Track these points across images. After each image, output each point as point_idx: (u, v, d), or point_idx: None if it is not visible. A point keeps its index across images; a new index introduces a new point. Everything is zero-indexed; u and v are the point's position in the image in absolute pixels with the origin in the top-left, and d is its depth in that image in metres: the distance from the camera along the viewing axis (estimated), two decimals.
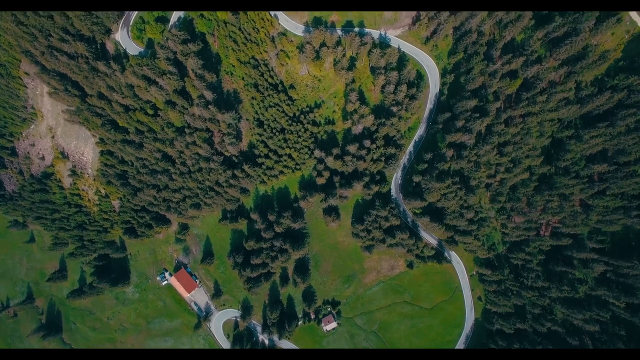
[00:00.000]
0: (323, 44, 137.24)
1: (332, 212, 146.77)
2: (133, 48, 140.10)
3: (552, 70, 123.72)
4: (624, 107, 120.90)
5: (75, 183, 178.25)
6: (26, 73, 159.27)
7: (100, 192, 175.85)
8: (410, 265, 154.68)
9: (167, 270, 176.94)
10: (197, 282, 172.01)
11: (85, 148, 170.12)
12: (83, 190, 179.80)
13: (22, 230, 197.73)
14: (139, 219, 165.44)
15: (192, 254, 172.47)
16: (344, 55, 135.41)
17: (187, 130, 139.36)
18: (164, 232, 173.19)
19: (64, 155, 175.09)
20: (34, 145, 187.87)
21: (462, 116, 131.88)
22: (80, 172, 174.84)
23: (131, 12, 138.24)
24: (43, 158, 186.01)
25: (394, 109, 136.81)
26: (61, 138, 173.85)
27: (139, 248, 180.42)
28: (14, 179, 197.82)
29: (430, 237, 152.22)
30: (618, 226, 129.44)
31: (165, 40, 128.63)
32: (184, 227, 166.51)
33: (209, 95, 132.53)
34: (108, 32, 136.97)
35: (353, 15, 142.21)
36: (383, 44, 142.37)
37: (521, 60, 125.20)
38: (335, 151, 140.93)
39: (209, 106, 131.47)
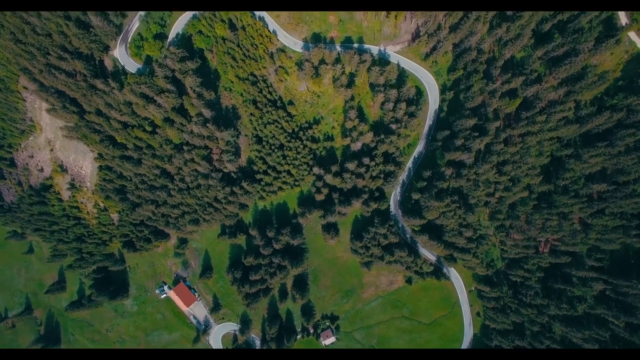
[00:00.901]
0: (322, 61, 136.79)
1: (331, 229, 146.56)
2: (131, 65, 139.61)
3: (552, 90, 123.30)
4: (623, 127, 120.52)
5: (74, 196, 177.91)
6: (25, 87, 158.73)
7: (99, 205, 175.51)
8: (409, 280, 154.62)
9: (165, 284, 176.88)
10: (196, 296, 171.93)
11: (83, 162, 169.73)
12: (82, 203, 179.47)
13: (21, 241, 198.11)
14: (138, 233, 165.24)
15: (191, 267, 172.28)
16: (343, 72, 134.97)
17: (185, 148, 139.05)
18: (163, 246, 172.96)
19: (62, 169, 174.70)
20: (32, 157, 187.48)
21: (461, 134, 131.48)
22: (79, 186, 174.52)
23: (129, 28, 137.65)
24: (42, 170, 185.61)
25: (393, 126, 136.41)
26: (60, 151, 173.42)
27: (138, 261, 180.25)
28: (13, 190, 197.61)
29: (429, 253, 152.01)
30: (617, 245, 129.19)
31: (163, 58, 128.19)
32: (182, 242, 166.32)
33: (207, 113, 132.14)
34: (106, 49, 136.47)
35: (352, 32, 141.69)
36: (382, 60, 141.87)
37: (520, 79, 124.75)
38: (334, 168, 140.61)
39: (208, 124, 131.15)
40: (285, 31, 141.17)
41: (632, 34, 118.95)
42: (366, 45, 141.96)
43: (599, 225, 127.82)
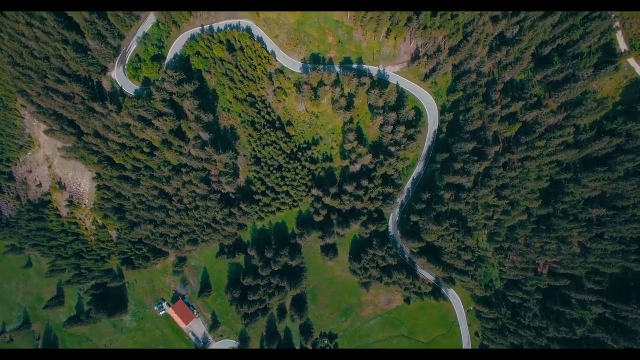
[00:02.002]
0: (321, 83, 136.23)
1: (329, 250, 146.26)
2: (129, 86, 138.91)
3: (551, 115, 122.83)
4: (622, 152, 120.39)
5: (72, 212, 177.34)
6: (23, 106, 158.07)
7: (97, 222, 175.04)
8: (407, 300, 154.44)
9: (164, 300, 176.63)
10: (195, 313, 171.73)
11: (82, 179, 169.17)
12: (80, 219, 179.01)
13: (19, 254, 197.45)
14: (136, 251, 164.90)
15: (190, 285, 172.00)
16: (341, 95, 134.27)
17: (183, 169, 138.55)
18: (162, 263, 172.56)
19: (60, 185, 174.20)
20: (30, 171, 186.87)
21: (460, 157, 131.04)
22: (77, 203, 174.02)
23: (127, 49, 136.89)
24: (40, 185, 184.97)
25: (392, 148, 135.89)
26: (58, 168, 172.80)
27: (137, 277, 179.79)
28: (11, 204, 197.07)
29: (427, 273, 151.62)
30: (616, 268, 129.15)
31: (160, 81, 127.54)
32: (181, 260, 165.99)
33: (205, 135, 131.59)
34: (104, 70, 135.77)
35: (351, 52, 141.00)
36: (381, 81, 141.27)
37: (520, 104, 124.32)
38: (333, 190, 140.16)
39: (206, 147, 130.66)
40: (283, 52, 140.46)
41: (631, 60, 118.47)
42: (365, 66, 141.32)
43: (598, 249, 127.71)
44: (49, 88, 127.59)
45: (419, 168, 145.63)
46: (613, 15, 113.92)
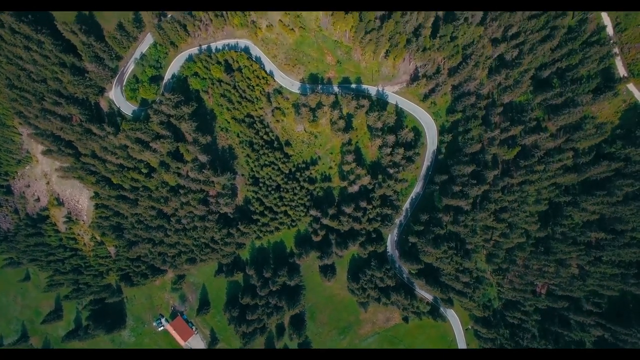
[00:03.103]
0: (319, 104, 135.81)
1: (327, 270, 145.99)
2: (127, 106, 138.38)
3: (551, 140, 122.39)
4: (621, 176, 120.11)
5: (70, 228, 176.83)
6: (20, 123, 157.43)
7: (95, 238, 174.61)
8: (405, 319, 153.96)
9: (163, 316, 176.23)
10: (194, 330, 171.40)
11: (80, 196, 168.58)
12: (78, 235, 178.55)
13: (17, 268, 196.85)
14: (135, 268, 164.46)
15: (189, 301, 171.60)
16: (340, 117, 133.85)
17: (181, 191, 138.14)
18: (160, 280, 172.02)
19: (59, 202, 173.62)
20: (29, 186, 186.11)
21: (459, 180, 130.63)
22: (76, 219, 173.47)
23: (125, 70, 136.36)
24: (38, 200, 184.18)
25: (391, 170, 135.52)
26: (56, 184, 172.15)
27: (135, 292, 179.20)
28: (9, 218, 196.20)
29: (426, 293, 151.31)
30: (615, 291, 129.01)
31: (158, 104, 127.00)
32: (180, 277, 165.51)
33: (203, 158, 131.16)
34: (102, 91, 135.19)
35: (350, 72, 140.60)
36: (380, 101, 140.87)
37: (519, 128, 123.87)
38: (331, 211, 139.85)
39: (204, 170, 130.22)
40: (282, 72, 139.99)
41: (629, 85, 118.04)
42: (364, 86, 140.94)
43: (596, 273, 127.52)
44: (46, 110, 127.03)
45: (417, 188, 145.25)
46: (612, 42, 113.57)
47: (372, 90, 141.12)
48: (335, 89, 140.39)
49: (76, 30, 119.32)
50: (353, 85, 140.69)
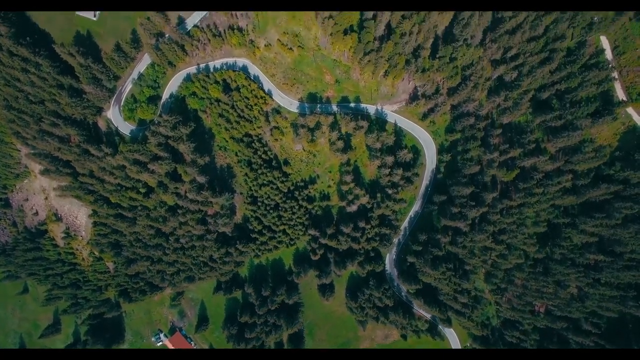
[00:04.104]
0: (318, 124, 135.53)
1: (326, 289, 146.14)
2: (125, 126, 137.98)
3: (550, 163, 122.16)
4: (620, 199, 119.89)
5: (69, 243, 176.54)
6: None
7: (94, 253, 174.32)
8: (403, 336, 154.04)
9: (162, 331, 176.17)
10: (193, 345, 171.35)
11: (78, 212, 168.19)
12: (77, 249, 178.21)
13: (15, 281, 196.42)
14: (133, 284, 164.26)
15: (188, 317, 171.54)
16: (339, 138, 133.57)
17: (180, 211, 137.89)
18: (159, 295, 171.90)
19: (57, 217, 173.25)
20: (27, 199, 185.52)
21: (457, 201, 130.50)
22: (74, 234, 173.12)
23: (123, 89, 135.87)
24: (37, 213, 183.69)
25: (390, 190, 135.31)
26: (54, 200, 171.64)
27: (134, 307, 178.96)
28: (7, 231, 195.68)
29: (424, 312, 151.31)
30: (614, 313, 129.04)
31: (156, 125, 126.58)
32: (179, 293, 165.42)
33: (201, 179, 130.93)
34: (99, 111, 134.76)
35: (349, 91, 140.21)
36: (379, 119, 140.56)
37: (518, 151, 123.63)
38: (330, 230, 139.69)
39: (202, 191, 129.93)
40: (280, 91, 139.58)
41: (629, 109, 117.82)
42: (363, 105, 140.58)
43: (595, 295, 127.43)
44: (44, 131, 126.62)
45: (416, 207, 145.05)
46: (610, 66, 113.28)
47: (371, 109, 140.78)
48: (334, 108, 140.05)
49: (74, 52, 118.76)
50: (352, 104, 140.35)
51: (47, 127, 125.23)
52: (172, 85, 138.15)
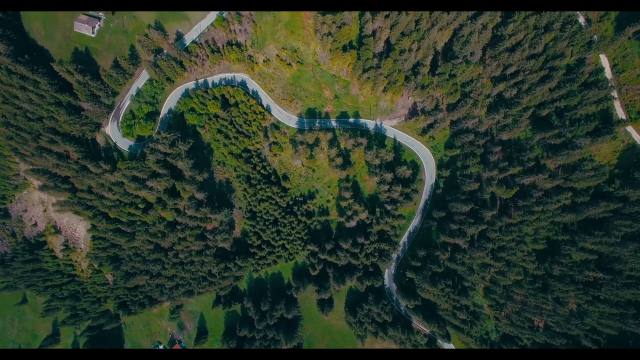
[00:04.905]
0: (317, 140, 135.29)
1: (325, 305, 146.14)
2: (123, 141, 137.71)
3: (549, 181, 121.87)
4: (620, 217, 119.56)
5: (68, 255, 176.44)
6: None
7: (93, 265, 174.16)
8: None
9: (161, 343, 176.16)
10: None
11: (77, 225, 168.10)
12: (76, 261, 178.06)
13: (14, 291, 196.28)
14: (132, 297, 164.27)
15: (187, 329, 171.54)
16: (338, 154, 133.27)
17: (178, 227, 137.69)
18: (159, 307, 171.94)
19: (56, 230, 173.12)
20: (26, 210, 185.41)
21: (456, 218, 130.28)
22: (73, 247, 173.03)
23: (121, 105, 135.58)
24: (36, 224, 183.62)
25: (389, 207, 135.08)
26: (53, 212, 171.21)
27: (133, 319, 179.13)
28: (6, 241, 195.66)
29: (423, 327, 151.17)
30: (614, 330, 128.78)
31: (154, 143, 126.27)
32: (178, 305, 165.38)
33: (200, 196, 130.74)
34: (98, 127, 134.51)
35: (348, 106, 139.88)
36: (378, 135, 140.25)
37: (518, 169, 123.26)
38: (329, 246, 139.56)
39: (200, 208, 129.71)
40: (279, 106, 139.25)
41: (629, 128, 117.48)
42: (362, 120, 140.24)
43: (595, 312, 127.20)
44: (42, 148, 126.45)
45: (415, 221, 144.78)
46: (610, 85, 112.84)
47: (370, 124, 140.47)
48: (333, 123, 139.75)
49: (72, 70, 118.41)
50: (351, 120, 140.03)
51: (45, 144, 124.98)
52: (170, 101, 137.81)
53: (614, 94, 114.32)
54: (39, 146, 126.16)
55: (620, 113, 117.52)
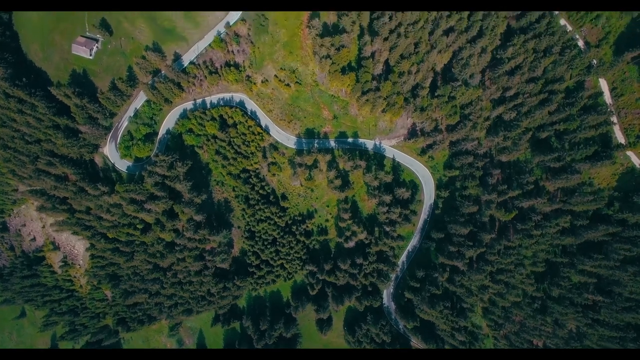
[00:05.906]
0: (316, 162, 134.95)
1: (324, 324, 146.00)
2: (121, 162, 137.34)
3: (548, 205, 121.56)
4: (619, 240, 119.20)
5: (66, 271, 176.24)
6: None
7: (92, 282, 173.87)
8: None
9: None
10: None
11: (76, 242, 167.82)
12: (75, 277, 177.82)
13: (13, 305, 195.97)
14: (131, 314, 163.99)
15: (186, 345, 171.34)
16: (336, 176, 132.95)
17: (177, 247, 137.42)
18: (157, 324, 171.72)
19: (54, 246, 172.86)
20: (24, 225, 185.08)
21: (455, 240, 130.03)
22: (72, 263, 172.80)
23: (119, 126, 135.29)
24: (34, 239, 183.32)
25: (387, 228, 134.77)
26: (52, 228, 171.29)
27: (132, 335, 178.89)
28: (5, 255, 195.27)
29: (422, 347, 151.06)
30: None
31: (152, 166, 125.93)
32: (177, 323, 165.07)
33: (198, 217, 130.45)
34: (96, 148, 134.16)
35: (346, 126, 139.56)
36: (377, 155, 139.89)
37: (517, 192, 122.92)
38: (327, 267, 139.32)
39: (199, 230, 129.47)
40: (277, 126, 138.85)
41: (629, 152, 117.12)
42: (361, 140, 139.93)
43: (594, 335, 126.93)
44: (40, 170, 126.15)
45: (414, 241, 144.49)
46: (609, 110, 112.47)
47: (369, 144, 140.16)
48: (332, 143, 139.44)
49: (69, 93, 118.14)
50: (350, 140, 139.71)
51: (43, 166, 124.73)
52: (168, 122, 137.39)
53: (613, 119, 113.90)
54: (36, 168, 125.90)
55: (619, 137, 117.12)
